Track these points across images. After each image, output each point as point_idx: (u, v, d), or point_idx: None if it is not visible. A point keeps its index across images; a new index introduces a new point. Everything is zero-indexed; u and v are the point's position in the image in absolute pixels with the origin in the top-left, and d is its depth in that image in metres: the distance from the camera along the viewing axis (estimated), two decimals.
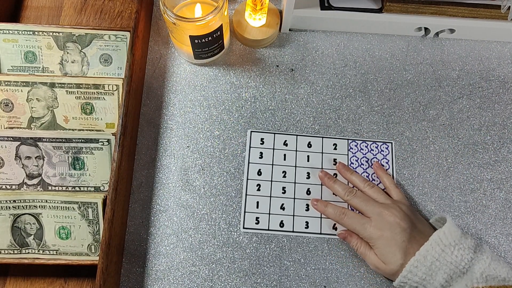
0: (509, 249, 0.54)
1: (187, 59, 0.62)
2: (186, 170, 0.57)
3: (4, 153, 0.52)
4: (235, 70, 0.62)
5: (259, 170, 0.57)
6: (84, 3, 0.65)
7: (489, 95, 0.62)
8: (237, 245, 0.53)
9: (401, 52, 0.64)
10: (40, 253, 0.50)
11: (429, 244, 0.46)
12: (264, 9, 0.58)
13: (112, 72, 0.58)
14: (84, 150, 0.52)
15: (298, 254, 0.53)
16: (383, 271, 0.49)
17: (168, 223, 0.54)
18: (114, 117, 0.55)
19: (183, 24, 0.52)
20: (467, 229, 0.55)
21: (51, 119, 0.55)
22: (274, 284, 0.52)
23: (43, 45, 0.57)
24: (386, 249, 0.48)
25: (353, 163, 0.58)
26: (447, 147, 0.59)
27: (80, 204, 0.50)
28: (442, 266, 0.45)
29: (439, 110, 0.61)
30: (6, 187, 0.53)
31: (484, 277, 0.45)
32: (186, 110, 0.60)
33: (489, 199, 0.56)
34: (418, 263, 0.46)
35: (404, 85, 0.62)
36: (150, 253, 0.53)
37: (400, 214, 0.49)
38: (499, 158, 0.59)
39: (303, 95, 0.61)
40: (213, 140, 0.58)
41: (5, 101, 0.55)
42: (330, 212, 0.53)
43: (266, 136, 0.58)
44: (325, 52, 0.64)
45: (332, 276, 0.52)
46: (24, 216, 0.50)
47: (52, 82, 0.54)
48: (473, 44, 0.65)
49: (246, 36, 0.61)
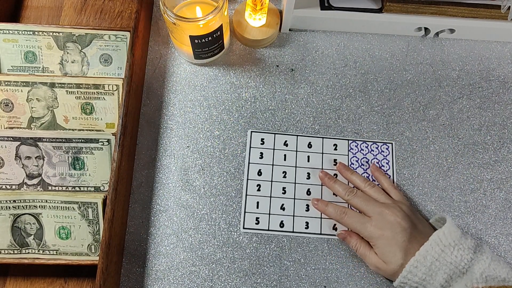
0: (509, 249, 0.54)
1: (187, 59, 0.62)
2: (186, 170, 0.57)
3: (4, 153, 0.52)
4: (235, 70, 0.62)
5: (259, 170, 0.57)
6: (84, 3, 0.65)
7: (489, 95, 0.62)
8: (237, 245, 0.53)
9: (401, 52, 0.64)
10: (40, 253, 0.50)
11: (429, 244, 0.46)
12: (264, 9, 0.58)
13: (112, 72, 0.58)
14: (84, 150, 0.52)
15: (298, 254, 0.53)
16: (384, 271, 0.49)
17: (168, 223, 0.54)
18: (114, 117, 0.55)
19: (183, 24, 0.52)
20: (467, 229, 0.55)
21: (51, 119, 0.55)
22: (274, 284, 0.52)
23: (43, 45, 0.57)
24: (386, 248, 0.48)
25: (354, 164, 0.58)
26: (447, 147, 0.59)
27: (80, 204, 0.50)
28: (442, 266, 0.45)
29: (439, 110, 0.61)
30: (6, 187, 0.53)
31: (484, 277, 0.45)
32: (186, 110, 0.60)
33: (489, 199, 0.56)
34: (418, 263, 0.46)
35: (404, 85, 0.62)
36: (150, 253, 0.53)
37: (400, 213, 0.49)
38: (499, 158, 0.59)
39: (303, 95, 0.61)
40: (213, 140, 0.58)
41: (5, 101, 0.55)
42: (331, 211, 0.53)
43: (267, 136, 0.58)
44: (325, 52, 0.64)
45: (332, 276, 0.52)
46: (24, 216, 0.50)
47: (52, 82, 0.54)
48: (473, 44, 0.65)
49: (246, 36, 0.61)
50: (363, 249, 0.50)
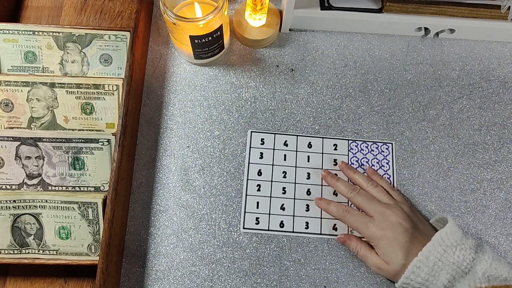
0: (509, 249, 0.54)
1: (187, 59, 0.62)
2: (186, 170, 0.57)
3: (4, 153, 0.52)
4: (235, 70, 0.62)
5: (259, 171, 0.57)
6: (84, 3, 0.65)
7: (489, 95, 0.62)
8: (237, 245, 0.53)
9: (401, 52, 0.64)
10: (40, 253, 0.50)
11: (431, 245, 0.46)
12: (264, 9, 0.58)
13: (112, 72, 0.58)
14: (84, 150, 0.52)
15: (298, 254, 0.53)
16: (385, 272, 0.49)
17: (168, 223, 0.54)
18: (114, 117, 0.55)
19: (183, 24, 0.52)
20: (467, 229, 0.55)
21: (51, 119, 0.55)
22: (274, 284, 0.52)
23: (43, 45, 0.57)
24: (388, 249, 0.48)
25: (354, 164, 0.58)
26: (447, 147, 0.59)
27: (80, 204, 0.50)
28: (445, 267, 0.45)
29: (439, 110, 0.61)
30: (6, 187, 0.53)
31: (486, 276, 0.45)
32: (186, 110, 0.60)
33: (489, 199, 0.56)
34: (421, 264, 0.46)
35: (404, 85, 0.62)
36: (150, 253, 0.53)
37: (402, 214, 0.49)
38: (499, 158, 0.59)
39: (303, 95, 0.61)
40: (213, 140, 0.58)
41: (5, 101, 0.55)
42: (333, 209, 0.53)
43: (267, 136, 0.58)
44: (325, 52, 0.64)
45: (332, 276, 0.52)
46: (24, 216, 0.50)
47: (52, 82, 0.54)
48: (473, 44, 0.65)
49: (246, 36, 0.61)
50: (364, 250, 0.50)
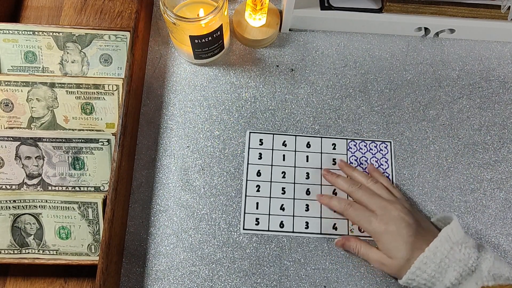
0: (509, 249, 0.54)
1: (187, 59, 0.62)
2: (186, 170, 0.57)
3: (4, 153, 0.52)
4: (235, 70, 0.62)
5: (258, 171, 0.57)
6: (84, 3, 0.65)
7: (489, 95, 0.62)
8: (237, 245, 0.54)
9: (401, 52, 0.64)
10: (40, 253, 0.50)
11: (439, 240, 0.46)
12: (264, 9, 0.58)
13: (112, 72, 0.58)
14: (84, 150, 0.52)
15: (298, 254, 0.53)
16: (389, 267, 0.48)
17: (168, 223, 0.54)
18: (114, 117, 0.55)
19: (183, 24, 0.52)
20: (467, 229, 0.55)
21: (51, 119, 0.55)
22: (274, 284, 0.52)
23: (43, 45, 0.57)
24: (391, 244, 0.48)
25: (352, 163, 0.58)
26: (447, 147, 0.59)
27: (80, 204, 0.50)
28: (452, 264, 0.45)
29: (439, 110, 0.61)
30: (6, 187, 0.53)
31: (491, 275, 0.44)
32: (186, 110, 0.60)
33: (489, 199, 0.56)
34: (427, 260, 0.45)
35: (404, 85, 0.62)
36: (150, 253, 0.53)
37: (404, 209, 0.49)
38: (499, 158, 0.59)
39: (303, 95, 0.61)
40: (213, 140, 0.58)
41: (5, 101, 0.55)
42: (335, 204, 0.53)
43: (265, 137, 0.58)
44: (325, 52, 0.64)
45: (332, 276, 0.52)
46: (24, 216, 0.50)
47: (52, 82, 0.54)
48: (473, 44, 0.65)
49: (246, 36, 0.61)
50: (364, 248, 0.50)
